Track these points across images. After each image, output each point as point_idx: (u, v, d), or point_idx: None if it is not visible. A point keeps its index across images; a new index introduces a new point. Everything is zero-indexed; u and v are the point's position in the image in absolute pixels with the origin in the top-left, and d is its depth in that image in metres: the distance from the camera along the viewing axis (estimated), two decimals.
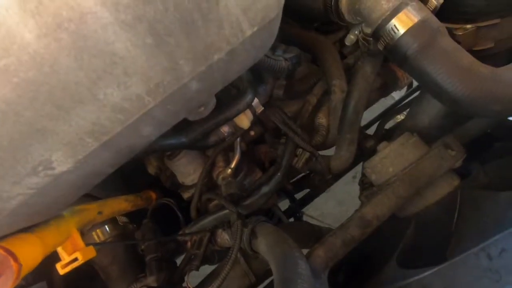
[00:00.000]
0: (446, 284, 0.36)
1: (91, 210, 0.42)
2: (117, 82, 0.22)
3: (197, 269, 0.58)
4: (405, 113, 0.80)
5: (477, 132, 0.64)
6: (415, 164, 0.57)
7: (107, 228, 0.59)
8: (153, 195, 0.67)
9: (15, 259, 0.25)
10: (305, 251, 0.49)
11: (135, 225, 0.65)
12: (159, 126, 0.29)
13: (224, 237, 0.60)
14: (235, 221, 0.54)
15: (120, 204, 0.52)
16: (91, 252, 0.37)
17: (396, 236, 0.57)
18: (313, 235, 0.76)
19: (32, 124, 0.20)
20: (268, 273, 0.63)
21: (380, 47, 0.48)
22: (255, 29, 0.26)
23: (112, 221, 0.58)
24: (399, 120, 0.92)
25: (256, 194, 0.60)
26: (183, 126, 0.47)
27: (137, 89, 0.23)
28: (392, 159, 0.62)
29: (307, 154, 0.61)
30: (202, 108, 0.38)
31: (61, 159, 0.23)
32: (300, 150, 0.59)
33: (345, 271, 0.54)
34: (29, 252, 0.27)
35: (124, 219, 0.62)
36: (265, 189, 0.60)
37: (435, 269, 0.37)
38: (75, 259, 0.35)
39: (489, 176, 0.55)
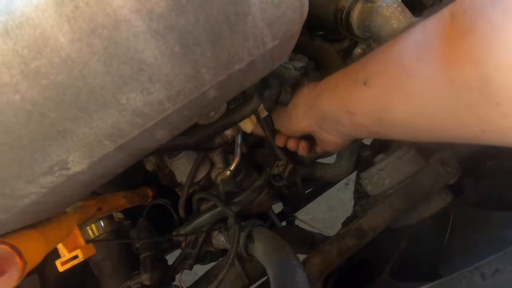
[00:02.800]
0: None
1: (91, 207, 0.42)
2: (141, 88, 0.22)
3: (190, 268, 0.58)
4: None
5: (473, 148, 0.66)
6: (411, 178, 0.59)
7: (102, 224, 0.58)
8: (150, 192, 0.67)
9: (21, 255, 0.25)
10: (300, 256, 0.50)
11: (130, 222, 0.64)
12: (172, 130, 0.30)
13: (219, 239, 0.60)
14: (232, 225, 0.54)
15: (118, 201, 0.52)
16: (91, 250, 0.37)
17: (389, 247, 0.58)
18: (306, 241, 0.77)
19: (55, 125, 0.20)
20: (261, 275, 0.64)
21: None
22: (277, 42, 0.26)
23: (108, 216, 0.58)
24: None
25: (247, 189, 0.61)
26: (188, 128, 0.47)
27: (159, 95, 0.23)
28: (389, 172, 0.63)
29: (290, 165, 0.61)
30: (213, 113, 0.38)
31: (77, 159, 0.23)
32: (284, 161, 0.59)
33: (335, 278, 0.55)
34: (33, 248, 0.27)
35: (119, 215, 0.62)
36: (256, 183, 0.61)
37: (430, 285, 0.38)
38: (75, 257, 0.34)
39: (481, 194, 0.57)
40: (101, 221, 0.57)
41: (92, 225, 0.55)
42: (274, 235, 0.51)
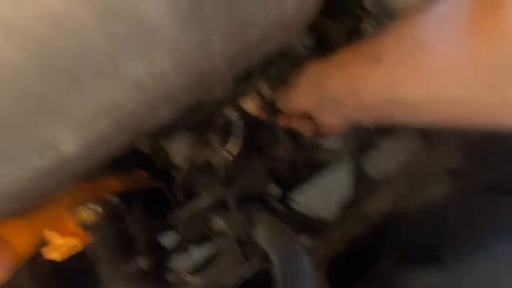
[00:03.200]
0: (448, 283, 0.36)
1: (84, 191, 0.39)
2: (141, 54, 0.18)
3: (188, 252, 0.56)
4: None
5: (478, 133, 0.65)
6: (415, 163, 0.58)
7: (97, 208, 0.55)
8: (144, 175, 0.64)
9: (10, 246, 0.23)
10: None
11: (125, 206, 0.61)
12: (176, 107, 0.26)
13: (219, 222, 0.58)
14: (232, 208, 0.52)
15: (112, 184, 0.49)
16: (86, 237, 0.34)
17: (392, 233, 0.58)
18: (305, 226, 0.77)
19: (42, 98, 0.16)
20: (261, 260, 0.63)
21: None
22: (298, 8, 0.23)
23: (102, 200, 0.55)
24: None
25: (247, 172, 0.59)
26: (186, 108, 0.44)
27: (163, 64, 0.20)
28: (391, 154, 0.62)
29: (291, 147, 0.59)
30: (217, 89, 0.35)
31: (70, 140, 0.20)
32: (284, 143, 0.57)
33: (337, 264, 0.55)
34: (21, 238, 0.24)
35: (114, 198, 0.59)
36: (256, 166, 0.59)
37: (438, 269, 0.37)
38: (71, 244, 0.32)
39: (484, 179, 0.56)
40: (96, 206, 0.54)
41: (88, 210, 0.52)
42: (275, 220, 0.50)
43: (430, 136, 0.64)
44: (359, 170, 0.72)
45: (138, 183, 0.62)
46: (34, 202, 0.25)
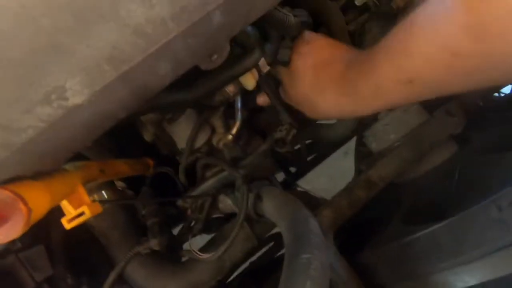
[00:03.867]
0: (456, 236, 0.37)
1: (94, 167, 0.40)
2: None
3: (200, 233, 0.57)
4: None
5: (477, 99, 0.65)
6: (418, 130, 0.58)
7: (105, 194, 0.56)
8: (150, 162, 0.65)
9: (24, 202, 0.24)
10: None
11: (132, 192, 0.63)
12: (176, 64, 0.27)
13: (227, 202, 0.59)
14: (241, 186, 0.53)
15: (120, 166, 0.50)
16: (97, 208, 0.35)
17: (397, 202, 0.58)
18: (311, 204, 0.77)
19: (49, 36, 0.17)
20: (269, 236, 0.64)
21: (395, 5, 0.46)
22: None
23: (110, 186, 0.56)
24: None
25: (249, 151, 0.59)
26: (185, 82, 0.45)
27: (162, 10, 0.21)
28: (394, 126, 0.62)
29: (294, 130, 0.59)
30: (215, 56, 0.36)
31: (76, 87, 0.21)
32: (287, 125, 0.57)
33: (342, 235, 0.55)
34: (37, 197, 0.25)
35: (122, 184, 0.60)
36: (262, 147, 0.59)
37: (445, 222, 0.38)
38: (82, 214, 0.33)
39: (488, 142, 0.56)
40: (103, 191, 0.55)
41: (95, 195, 0.53)
42: (282, 192, 0.51)
43: (431, 106, 0.64)
44: (362, 145, 0.72)
45: (145, 170, 0.63)
46: (45, 162, 0.26)
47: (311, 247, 0.34)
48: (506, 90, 0.76)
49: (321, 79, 0.46)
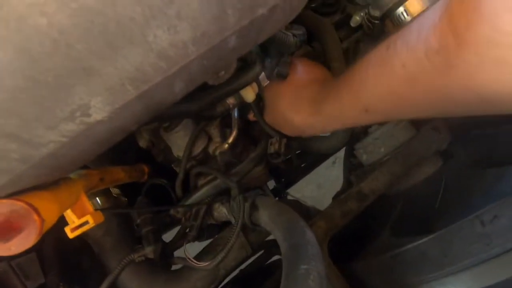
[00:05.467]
0: (443, 249, 0.39)
1: (95, 175, 0.40)
2: (168, 24, 0.21)
3: (194, 240, 0.58)
4: None
5: (461, 117, 0.69)
6: (406, 145, 0.61)
7: (99, 201, 0.56)
8: (146, 168, 0.65)
9: (38, 213, 0.24)
10: None
11: (127, 199, 0.62)
12: (189, 83, 0.29)
13: (221, 211, 0.60)
14: (236, 195, 0.54)
15: (118, 173, 0.50)
16: (100, 217, 0.35)
17: (386, 213, 0.61)
18: (302, 213, 0.79)
19: (81, 60, 0.18)
20: (263, 244, 0.64)
21: (387, 30, 0.49)
22: None
23: (105, 193, 0.56)
24: None
25: (244, 160, 0.61)
26: (190, 95, 0.46)
27: (185, 35, 0.22)
28: (384, 140, 0.65)
29: (284, 140, 0.61)
30: (223, 73, 0.37)
31: (99, 105, 0.22)
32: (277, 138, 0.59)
33: (336, 242, 0.57)
34: (48, 208, 0.26)
35: (117, 191, 0.60)
36: (253, 154, 0.61)
37: (432, 235, 0.40)
38: (85, 223, 0.33)
39: (471, 157, 0.60)
40: (97, 198, 0.55)
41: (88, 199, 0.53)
42: (277, 202, 0.52)
43: (418, 122, 0.68)
44: (353, 157, 0.75)
45: (140, 177, 0.63)
46: (57, 174, 0.27)
47: (308, 258, 0.36)
48: None
49: (299, 98, 0.50)
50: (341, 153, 0.87)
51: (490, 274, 0.36)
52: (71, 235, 0.33)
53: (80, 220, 0.33)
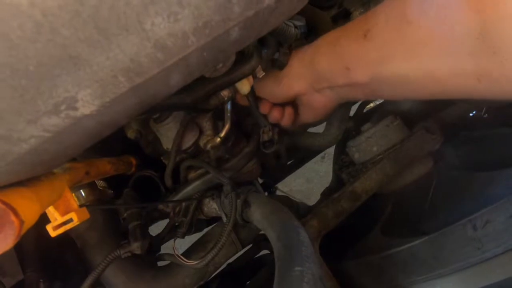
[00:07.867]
0: (434, 252, 0.39)
1: (80, 169, 0.38)
2: (168, 11, 0.19)
3: (183, 236, 0.56)
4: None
5: (453, 119, 0.70)
6: (399, 145, 0.61)
7: (83, 193, 0.53)
8: (133, 160, 0.63)
9: (16, 213, 0.22)
10: None
11: (112, 192, 0.60)
12: (187, 75, 0.27)
13: (211, 206, 0.58)
14: (229, 192, 0.52)
15: (104, 166, 0.48)
16: (85, 214, 0.33)
17: (377, 212, 0.61)
18: (292, 209, 0.78)
19: (68, 48, 0.16)
20: (252, 241, 0.64)
21: None
22: None
23: (89, 185, 0.53)
24: (370, 106, 0.97)
25: (237, 155, 0.60)
26: (184, 86, 0.44)
27: (186, 24, 0.20)
28: (376, 139, 0.65)
29: (276, 128, 0.61)
30: (221, 65, 0.35)
31: (87, 98, 0.20)
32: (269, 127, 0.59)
33: (327, 239, 0.57)
34: (28, 207, 0.24)
35: (102, 183, 0.57)
36: (246, 149, 0.60)
37: (424, 238, 0.40)
38: (69, 220, 0.31)
39: (462, 159, 0.60)
40: (81, 190, 0.52)
41: (73, 194, 0.50)
42: (270, 199, 0.51)
43: (411, 122, 0.68)
44: (344, 155, 0.74)
45: (128, 169, 0.60)
46: (39, 170, 0.25)
47: (302, 259, 0.35)
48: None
49: (302, 68, 0.51)
50: (331, 149, 0.87)
51: (479, 277, 0.36)
52: (53, 233, 0.31)
53: (63, 217, 0.31)
